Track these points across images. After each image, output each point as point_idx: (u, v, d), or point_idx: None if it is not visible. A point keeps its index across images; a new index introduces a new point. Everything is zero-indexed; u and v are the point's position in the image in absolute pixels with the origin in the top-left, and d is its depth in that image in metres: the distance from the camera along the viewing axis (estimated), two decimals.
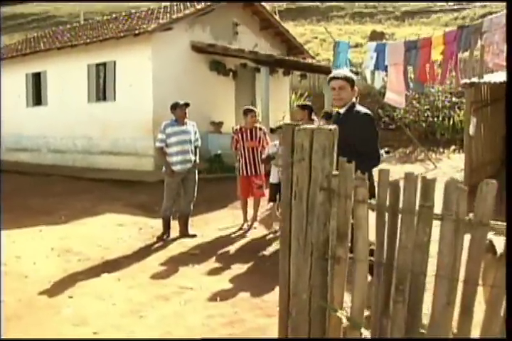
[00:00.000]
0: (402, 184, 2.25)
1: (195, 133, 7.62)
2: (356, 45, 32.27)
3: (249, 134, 7.79)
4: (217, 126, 13.92)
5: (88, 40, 13.46)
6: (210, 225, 8.27)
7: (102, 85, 14.32)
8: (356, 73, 15.98)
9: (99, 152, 14.22)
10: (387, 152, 14.50)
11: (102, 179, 12.45)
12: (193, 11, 13.29)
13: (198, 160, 7.64)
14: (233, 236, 7.57)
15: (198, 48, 13.57)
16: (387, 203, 2.20)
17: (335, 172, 2.39)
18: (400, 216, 2.17)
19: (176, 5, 14.98)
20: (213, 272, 5.85)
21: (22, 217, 8.70)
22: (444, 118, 17.30)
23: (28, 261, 6.24)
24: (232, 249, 6.91)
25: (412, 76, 10.79)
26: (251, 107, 7.98)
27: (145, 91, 12.89)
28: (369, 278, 2.45)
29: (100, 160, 14.07)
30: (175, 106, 7.44)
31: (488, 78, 8.82)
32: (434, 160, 13.70)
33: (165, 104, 7.75)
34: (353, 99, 4.36)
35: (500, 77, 7.85)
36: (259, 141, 7.80)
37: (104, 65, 14.04)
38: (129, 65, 13.27)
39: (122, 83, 13.51)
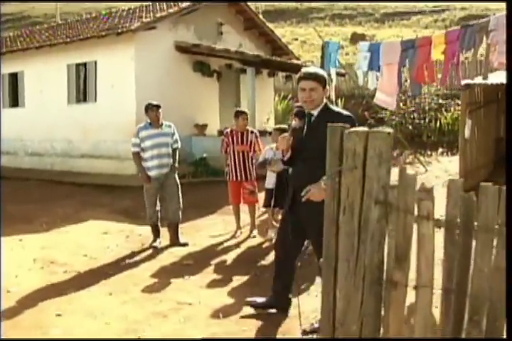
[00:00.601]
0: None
1: (173, 134, 7.17)
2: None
3: (240, 138, 7.42)
4: (202, 128, 13.52)
5: (68, 39, 12.98)
6: (200, 232, 7.87)
7: (82, 86, 13.83)
8: (343, 75, 15.75)
9: (79, 155, 13.73)
10: None
11: (83, 183, 11.99)
12: (177, 10, 12.88)
13: (176, 164, 7.21)
14: (227, 244, 7.19)
15: (182, 48, 13.16)
16: (458, 220, 1.85)
17: (393, 182, 2.03)
18: (471, 234, 1.82)
19: (159, 4, 14.55)
20: (211, 285, 5.45)
21: None
22: (430, 120, 17.14)
23: (9, 274, 5.79)
24: (227, 258, 6.53)
25: (407, 77, 10.56)
26: (242, 109, 7.62)
27: (127, 92, 12.44)
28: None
29: (80, 163, 13.57)
30: (146, 109, 7.05)
31: (491, 78, 8.58)
32: (424, 163, 13.43)
33: None
34: (325, 100, 4.00)
35: (502, 77, 7.59)
36: (251, 145, 7.44)
37: (84, 65, 13.57)
38: (110, 65, 12.82)
39: (104, 84, 13.05)
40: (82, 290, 5.29)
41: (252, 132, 7.50)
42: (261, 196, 7.60)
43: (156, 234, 7.15)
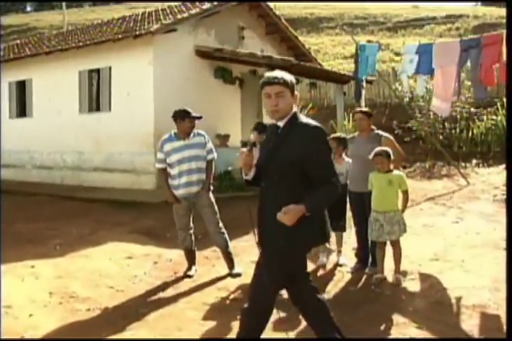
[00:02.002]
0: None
1: (205, 144, 6.02)
2: (352, 56, 31.27)
3: None
4: (224, 139, 12.56)
5: (80, 44, 12.03)
6: (239, 257, 6.84)
7: (95, 94, 12.89)
8: (370, 82, 14.79)
9: (91, 168, 12.74)
10: (403, 167, 13.23)
11: (97, 199, 10.98)
12: (198, 11, 11.97)
13: (211, 180, 6.07)
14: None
15: (202, 53, 12.23)
16: None
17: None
18: None
19: (176, 7, 13.67)
20: (278, 327, 4.32)
21: (7, 247, 7.21)
22: (462, 130, 16.14)
23: (22, 312, 4.81)
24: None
25: (467, 79, 9.59)
26: None
27: (145, 100, 11.49)
28: None
29: (93, 177, 12.58)
30: (183, 116, 5.84)
31: None
32: (463, 176, 12.40)
33: (167, 114, 6.40)
34: (294, 109, 3.37)
35: None
36: None
37: (97, 71, 12.64)
38: (126, 70, 11.87)
39: (119, 91, 12.10)
40: (113, 336, 4.28)
41: None
42: None
43: (191, 260, 6.14)
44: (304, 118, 3.38)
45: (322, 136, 3.28)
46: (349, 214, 6.30)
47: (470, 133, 15.99)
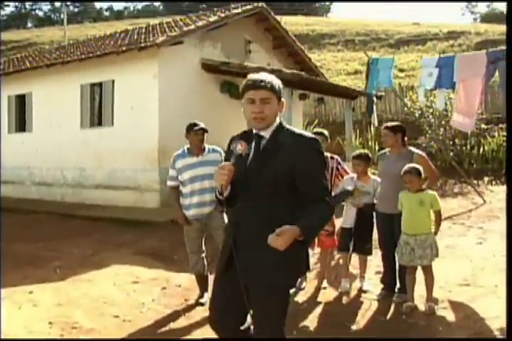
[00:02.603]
0: None
1: (221, 161, 5.61)
2: (356, 72, 31.10)
3: None
4: None
5: (83, 56, 11.63)
6: None
7: (97, 108, 12.44)
8: (379, 98, 14.42)
9: (93, 186, 12.27)
10: None
11: (99, 218, 10.51)
12: (205, 23, 11.59)
13: None
14: (298, 299, 5.67)
15: (208, 67, 11.83)
16: None
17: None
18: None
19: (181, 19, 13.33)
20: None
21: (4, 269, 6.73)
22: (473, 146, 15.74)
23: None
24: (307, 320, 5.02)
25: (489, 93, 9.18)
26: (320, 130, 6.14)
27: (149, 114, 11.06)
28: None
29: (95, 195, 12.10)
30: (189, 130, 5.49)
31: None
32: (479, 194, 11.96)
33: (172, 129, 5.98)
34: (278, 119, 2.94)
35: None
36: (332, 174, 5.97)
37: (100, 84, 12.21)
38: (130, 84, 11.46)
39: (122, 105, 11.67)
40: None
41: (332, 158, 6.04)
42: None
43: (203, 286, 5.64)
44: (294, 128, 2.97)
45: (319, 148, 2.87)
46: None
47: (481, 150, 15.61)
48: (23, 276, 6.51)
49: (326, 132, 6.05)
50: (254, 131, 2.93)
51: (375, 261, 6.35)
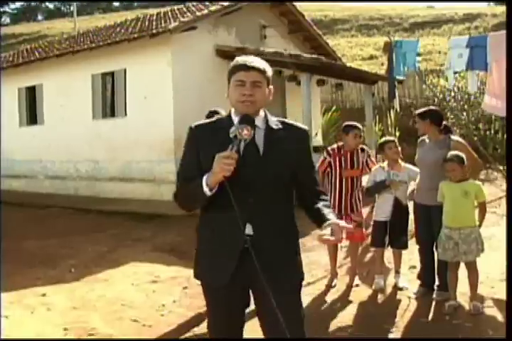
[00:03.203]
0: None
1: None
2: (371, 57, 30.51)
3: (349, 159, 5.50)
4: None
5: (93, 45, 11.23)
6: None
7: (109, 98, 12.06)
8: (400, 82, 13.89)
9: (107, 178, 11.92)
10: None
11: (114, 212, 10.16)
12: (219, 7, 11.13)
13: None
14: (328, 298, 5.28)
15: (223, 53, 11.37)
16: None
17: None
18: None
19: (194, 5, 12.87)
20: None
21: (16, 269, 6.41)
22: (497, 131, 15.20)
23: None
24: (343, 321, 4.62)
25: None
26: (354, 123, 5.70)
27: (164, 104, 10.66)
28: None
29: (109, 188, 11.75)
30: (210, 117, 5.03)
31: None
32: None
33: (188, 118, 5.54)
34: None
35: None
36: (362, 168, 5.57)
37: (112, 74, 11.82)
38: (143, 72, 11.05)
39: (135, 95, 11.29)
40: None
41: (362, 150, 5.62)
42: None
43: None
44: (279, 118, 2.74)
45: (308, 139, 2.74)
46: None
47: (506, 135, 15.07)
48: (36, 277, 6.17)
49: (359, 125, 5.63)
50: (234, 119, 2.57)
51: (408, 254, 5.94)
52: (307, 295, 5.34)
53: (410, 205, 5.38)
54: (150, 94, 10.92)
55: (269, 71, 2.64)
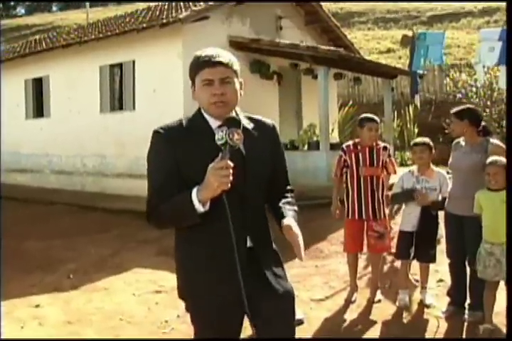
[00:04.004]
0: None
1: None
2: (388, 50, 29.85)
3: (368, 156, 4.95)
4: None
5: (101, 35, 10.76)
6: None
7: (117, 91, 11.62)
8: (421, 76, 13.31)
9: (114, 174, 11.47)
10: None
11: (121, 210, 9.69)
12: None
13: None
14: (349, 316, 4.77)
15: (237, 44, 10.86)
16: None
17: None
18: None
19: None
20: None
21: (12, 274, 5.99)
22: None
23: None
24: None
25: None
26: (371, 116, 5.16)
27: (174, 97, 10.17)
28: None
29: (116, 184, 11.31)
30: None
31: None
32: None
33: None
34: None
35: None
36: (382, 167, 5.01)
37: (120, 65, 11.36)
38: (152, 64, 10.57)
39: (144, 88, 10.81)
40: None
41: (385, 148, 5.07)
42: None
43: None
44: (246, 113, 2.48)
45: (278, 134, 2.54)
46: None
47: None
48: (31, 284, 5.76)
49: (376, 118, 5.09)
50: (209, 120, 2.31)
51: (434, 265, 5.42)
52: (325, 311, 4.88)
53: (440, 214, 4.86)
54: (159, 87, 10.46)
55: (236, 63, 2.31)
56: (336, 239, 7.19)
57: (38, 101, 13.45)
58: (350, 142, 5.14)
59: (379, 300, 5.05)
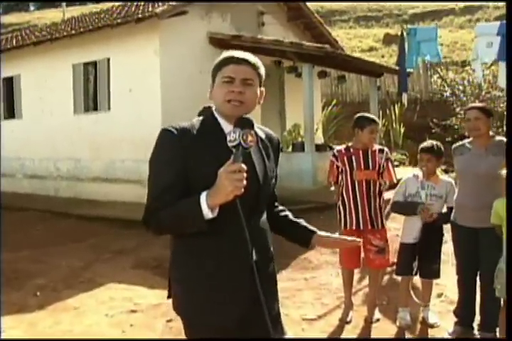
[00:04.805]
0: None
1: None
2: (371, 49, 29.53)
3: (362, 159, 4.46)
4: None
5: (73, 32, 10.20)
6: (283, 308, 4.99)
7: (92, 91, 11.07)
8: (408, 75, 12.91)
9: (89, 178, 10.92)
10: (444, 171, 11.35)
11: (96, 217, 9.17)
12: None
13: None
14: (343, 337, 4.30)
15: (217, 41, 10.38)
16: None
17: None
18: None
19: None
20: None
21: None
22: None
23: None
24: None
25: None
26: (370, 115, 4.67)
27: (151, 97, 9.67)
28: None
29: (91, 188, 10.76)
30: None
31: None
32: None
33: (177, 113, 4.78)
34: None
35: None
36: (379, 171, 4.53)
37: (94, 64, 10.82)
38: (128, 62, 10.05)
39: (119, 87, 10.30)
40: None
41: (381, 151, 4.58)
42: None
43: None
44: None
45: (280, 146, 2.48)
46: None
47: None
48: None
49: (376, 118, 4.62)
50: (222, 122, 2.16)
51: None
52: (318, 333, 4.41)
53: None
54: (136, 86, 9.96)
55: (263, 68, 2.20)
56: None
57: (9, 102, 12.84)
58: (343, 146, 4.65)
59: (377, 319, 4.57)
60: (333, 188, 4.84)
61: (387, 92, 17.19)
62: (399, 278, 4.71)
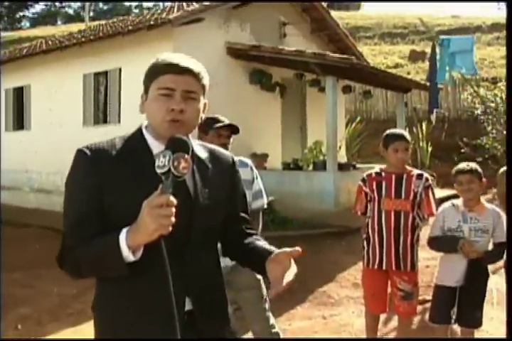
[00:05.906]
0: None
1: (252, 182, 3.49)
2: (396, 65, 28.85)
3: (393, 185, 3.74)
4: (261, 159, 10.06)
5: (83, 39, 9.69)
6: None
7: (102, 102, 10.58)
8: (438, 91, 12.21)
9: None
10: None
11: None
12: None
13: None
14: None
15: (236, 51, 9.80)
16: None
17: None
18: None
19: None
20: None
21: None
22: None
23: None
24: None
25: None
26: (399, 132, 3.96)
27: None
28: None
29: None
30: (207, 128, 3.35)
31: None
32: None
33: None
34: None
35: None
36: (414, 201, 3.78)
37: (105, 74, 10.31)
38: (140, 73, 9.27)
39: (130, 99, 9.69)
40: None
41: (419, 176, 3.81)
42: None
43: None
44: (200, 142, 2.01)
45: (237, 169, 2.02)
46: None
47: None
48: None
49: (407, 135, 3.90)
50: (150, 141, 1.86)
51: None
52: None
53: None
54: None
55: (207, 77, 1.84)
56: (347, 280, 6.04)
57: (18, 113, 12.40)
58: (375, 169, 3.93)
59: None
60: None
61: (414, 109, 16.44)
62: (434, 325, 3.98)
